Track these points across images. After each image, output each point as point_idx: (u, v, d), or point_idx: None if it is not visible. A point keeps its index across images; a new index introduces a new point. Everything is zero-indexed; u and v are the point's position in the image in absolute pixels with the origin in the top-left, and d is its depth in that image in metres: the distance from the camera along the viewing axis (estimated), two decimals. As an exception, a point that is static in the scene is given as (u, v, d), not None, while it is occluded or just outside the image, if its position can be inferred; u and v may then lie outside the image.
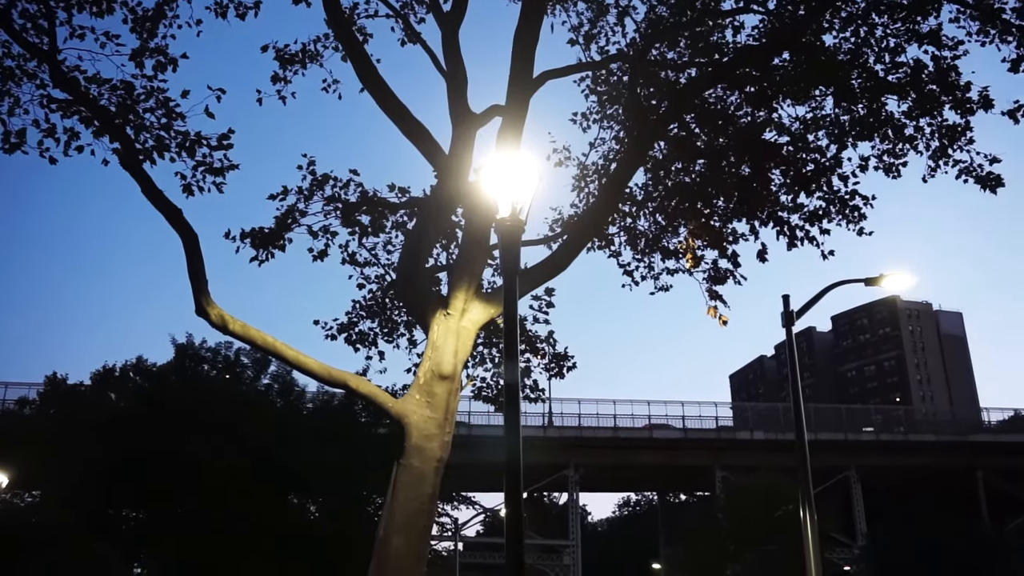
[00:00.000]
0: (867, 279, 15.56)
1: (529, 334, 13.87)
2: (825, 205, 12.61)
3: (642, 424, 72.28)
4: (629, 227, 13.70)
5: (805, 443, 14.84)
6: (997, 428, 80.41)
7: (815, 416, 74.49)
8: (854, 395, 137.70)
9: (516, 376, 7.27)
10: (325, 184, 12.77)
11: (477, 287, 10.58)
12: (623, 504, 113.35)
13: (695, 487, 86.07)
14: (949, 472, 74.40)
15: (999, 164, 12.20)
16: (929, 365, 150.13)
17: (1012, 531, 69.82)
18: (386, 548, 9.34)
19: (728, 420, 77.32)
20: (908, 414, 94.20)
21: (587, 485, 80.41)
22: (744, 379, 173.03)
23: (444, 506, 43.86)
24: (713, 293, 12.54)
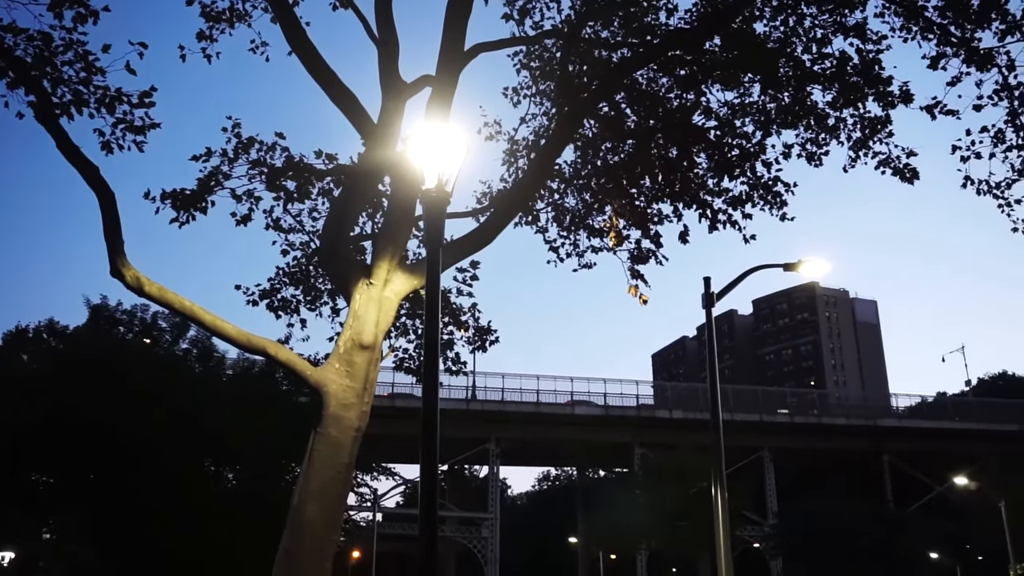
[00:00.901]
0: (786, 264, 15.91)
1: (453, 306, 13.88)
2: (748, 190, 12.84)
3: (564, 400, 73.05)
4: (556, 204, 13.77)
5: (720, 422, 15.16)
6: (904, 414, 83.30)
7: (733, 397, 76.19)
8: (771, 378, 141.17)
9: (436, 346, 7.27)
10: (250, 147, 12.53)
11: (401, 257, 10.53)
12: (543, 478, 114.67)
13: (614, 463, 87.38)
14: (858, 454, 76.97)
15: (916, 157, 12.57)
16: (843, 351, 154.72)
17: (914, 512, 72.55)
18: (300, 515, 9.31)
19: (649, 398, 78.53)
20: (822, 398, 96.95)
21: (508, 459, 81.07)
22: (666, 359, 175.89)
23: (364, 476, 43.78)
24: (635, 272, 12.71)
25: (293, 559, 9.19)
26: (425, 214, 7.62)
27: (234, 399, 31.60)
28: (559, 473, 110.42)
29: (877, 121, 12.73)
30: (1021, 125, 11.53)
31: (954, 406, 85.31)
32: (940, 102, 11.92)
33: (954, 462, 62.59)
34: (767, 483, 74.68)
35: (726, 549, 14.86)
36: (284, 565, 9.22)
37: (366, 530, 48.40)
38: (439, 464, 30.76)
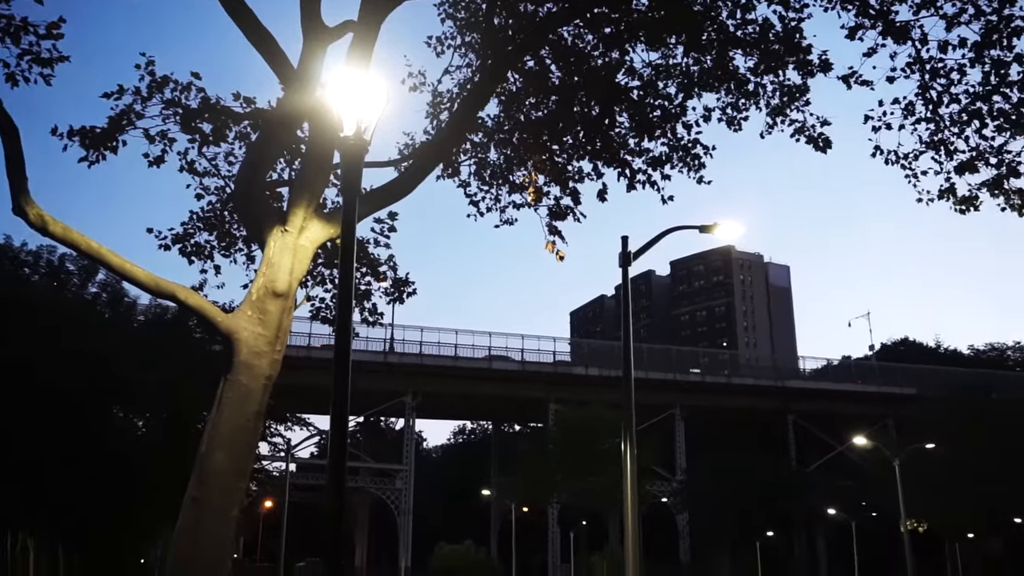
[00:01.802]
0: (702, 226, 16.18)
1: (370, 257, 13.77)
2: (668, 151, 12.97)
3: (482, 355, 73.46)
4: (478, 158, 13.71)
5: (631, 379, 15.44)
6: (810, 376, 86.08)
7: (647, 356, 77.65)
8: (686, 338, 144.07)
9: (350, 296, 7.22)
10: (164, 87, 12.14)
11: (318, 205, 10.39)
12: (459, 432, 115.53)
13: (529, 418, 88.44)
14: (765, 414, 79.41)
15: (830, 126, 12.84)
16: (756, 314, 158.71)
17: (815, 470, 75.37)
18: (208, 463, 9.21)
19: (566, 355, 79.53)
20: (733, 358, 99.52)
21: (424, 412, 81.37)
22: (584, 317, 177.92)
23: (278, 426, 43.40)
24: (553, 228, 12.78)
25: (200, 507, 9.11)
26: (343, 162, 7.53)
27: (145, 345, 30.92)
28: (475, 427, 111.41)
29: (796, 89, 12.93)
30: (931, 98, 11.86)
31: (857, 369, 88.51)
32: (856, 72, 12.16)
33: (855, 423, 65.06)
34: (677, 440, 76.57)
35: (633, 503, 15.22)
36: (191, 513, 9.14)
37: (279, 480, 48.11)
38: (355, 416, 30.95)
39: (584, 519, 70.57)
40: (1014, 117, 11.31)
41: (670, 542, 73.05)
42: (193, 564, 9.04)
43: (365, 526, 79.91)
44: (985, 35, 11.10)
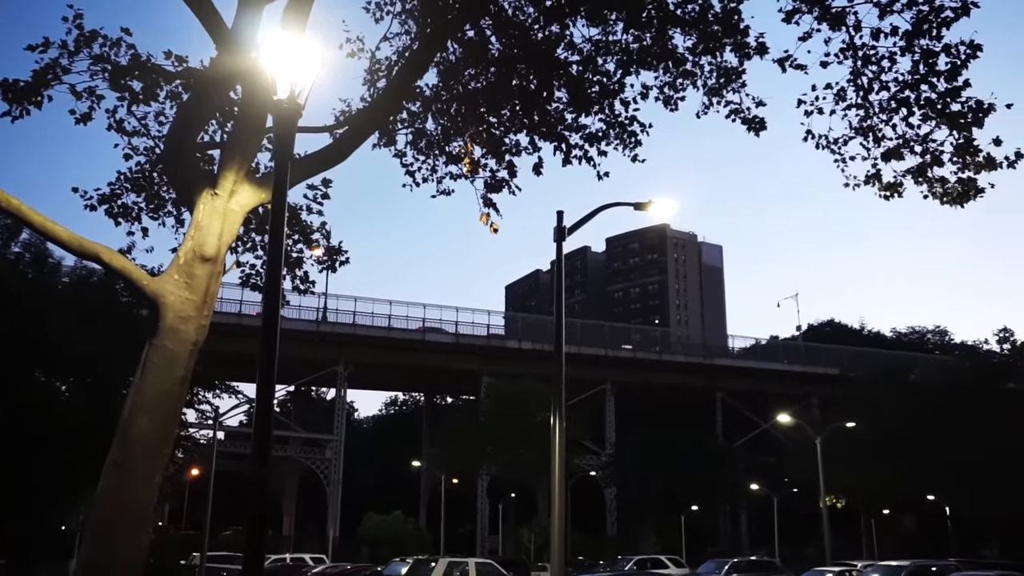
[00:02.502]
0: (636, 204, 16.31)
1: (303, 224, 13.60)
2: (605, 128, 13.01)
3: (416, 326, 73.31)
4: (415, 127, 13.60)
5: (562, 354, 15.56)
6: (739, 354, 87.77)
7: (581, 331, 78.29)
8: (619, 314, 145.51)
9: (279, 261, 7.14)
10: (93, 41, 11.76)
11: (250, 169, 10.21)
12: (391, 403, 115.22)
13: (462, 391, 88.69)
14: (694, 391, 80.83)
15: (764, 108, 13.02)
16: (688, 292, 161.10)
17: (741, 446, 77.07)
18: (131, 428, 9.06)
19: (500, 329, 79.80)
20: (664, 336, 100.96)
21: (357, 382, 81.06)
22: (519, 291, 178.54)
23: (206, 394, 42.76)
24: (487, 200, 12.76)
25: (122, 472, 8.97)
26: (275, 126, 7.42)
27: (69, 308, 30.14)
28: (407, 398, 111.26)
29: (732, 70, 13.05)
30: (861, 85, 12.08)
31: (784, 349, 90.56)
32: (791, 56, 12.32)
33: (780, 401, 66.61)
34: (607, 415, 77.55)
35: (560, 476, 15.39)
36: (112, 478, 8.99)
37: (206, 448, 47.46)
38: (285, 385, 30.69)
39: (513, 491, 71.24)
40: (940, 107, 11.59)
41: (598, 515, 74.15)
42: (114, 529, 8.91)
43: (293, 495, 79.52)
44: (916, 24, 11.34)
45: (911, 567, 30.22)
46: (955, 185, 11.92)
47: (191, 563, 39.18)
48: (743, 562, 41.33)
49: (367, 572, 34.28)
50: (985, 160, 11.51)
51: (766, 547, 65.57)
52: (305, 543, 63.06)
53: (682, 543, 63.21)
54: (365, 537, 67.32)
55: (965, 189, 11.91)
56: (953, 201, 12.05)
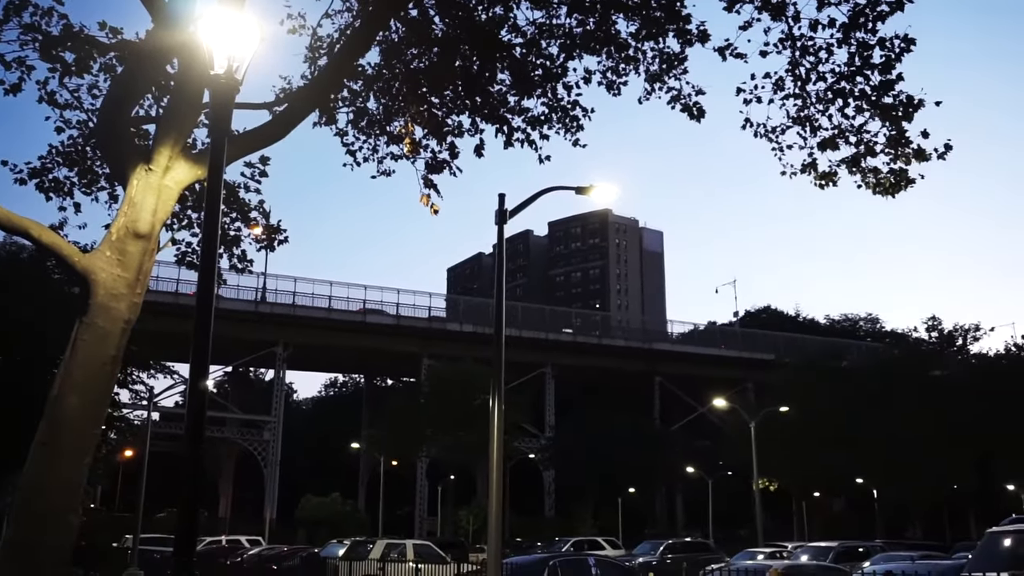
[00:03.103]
0: (578, 188, 16.38)
1: (241, 201, 13.39)
2: (547, 111, 13.03)
3: (356, 308, 72.84)
4: (357, 106, 13.46)
5: (502, 336, 15.61)
6: (677, 339, 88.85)
7: (522, 314, 78.56)
8: (561, 298, 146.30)
9: (215, 239, 7.04)
10: (23, 9, 11.41)
11: (186, 145, 10.03)
12: (330, 384, 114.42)
13: (402, 373, 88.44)
14: (633, 375, 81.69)
15: (704, 96, 13.15)
16: (629, 277, 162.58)
17: (678, 430, 78.17)
18: (60, 407, 8.86)
19: (441, 311, 79.66)
20: (604, 320, 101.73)
21: (296, 363, 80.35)
22: (461, 273, 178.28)
23: (140, 374, 42.00)
24: (428, 181, 12.71)
25: (50, 452, 8.78)
26: (212, 101, 7.29)
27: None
28: (347, 380, 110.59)
29: (674, 57, 13.14)
30: (799, 75, 12.27)
31: (721, 334, 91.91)
32: (731, 45, 12.46)
33: (717, 385, 67.68)
34: (547, 398, 78.01)
35: (498, 458, 15.46)
36: (40, 458, 8.80)
37: (140, 429, 46.65)
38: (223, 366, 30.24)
39: (453, 473, 71.39)
40: (873, 99, 11.83)
41: (536, 497, 74.69)
42: (41, 510, 8.74)
43: (230, 477, 78.62)
44: (852, 17, 11.54)
45: (839, 548, 30.95)
46: (887, 176, 12.19)
47: (124, 546, 38.51)
48: (677, 543, 41.99)
49: (304, 554, 34.05)
50: (915, 152, 11.79)
51: (701, 529, 66.74)
52: (242, 525, 62.36)
53: (619, 525, 64.01)
54: (303, 519, 66.85)
55: (896, 180, 12.18)
56: (885, 191, 12.32)
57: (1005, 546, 11.91)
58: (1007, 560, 11.22)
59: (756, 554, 33.56)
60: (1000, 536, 12.16)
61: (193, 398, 7.02)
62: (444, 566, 23.97)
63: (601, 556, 30.24)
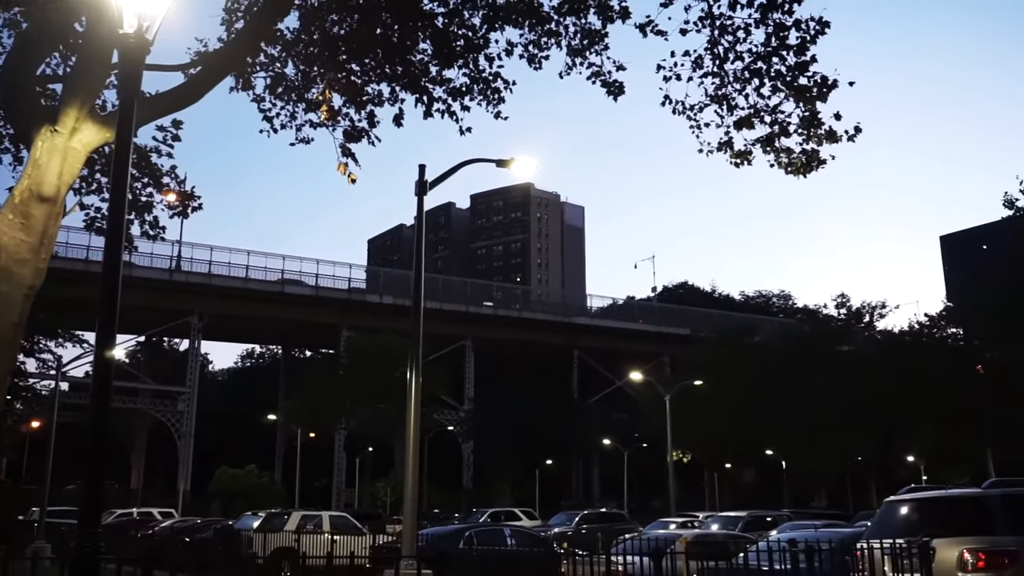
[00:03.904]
0: (499, 160, 16.40)
1: (153, 166, 13.04)
2: (469, 83, 12.97)
3: (274, 278, 71.76)
4: (274, 72, 13.18)
5: (421, 308, 15.59)
6: (597, 314, 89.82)
7: (443, 287, 78.44)
8: (482, 271, 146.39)
9: (122, 204, 6.85)
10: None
11: (94, 106, 9.70)
12: (247, 355, 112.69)
13: (322, 344, 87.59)
14: (553, 348, 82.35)
15: (624, 72, 13.23)
16: (550, 251, 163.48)
17: (596, 403, 79.24)
18: (-41, 376, 8.57)
19: (361, 282, 79.03)
20: (525, 294, 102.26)
21: (212, 334, 78.91)
22: (382, 245, 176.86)
23: (48, 342, 40.76)
24: (346, 150, 12.54)
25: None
26: (121, 61, 7.08)
27: None
28: (264, 351, 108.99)
29: (595, 33, 13.18)
30: (718, 54, 12.44)
31: (640, 309, 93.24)
32: (652, 22, 12.56)
33: (634, 359, 68.71)
34: (467, 371, 78.19)
35: (416, 430, 15.49)
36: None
37: (47, 399, 45.30)
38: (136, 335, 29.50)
39: (371, 445, 71.18)
40: (788, 79, 12.08)
41: (455, 469, 74.99)
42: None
43: (142, 449, 77.01)
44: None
45: (747, 517, 31.88)
46: (799, 156, 12.48)
47: (30, 519, 37.48)
48: (593, 514, 42.68)
49: (217, 526, 33.60)
50: (827, 133, 12.09)
51: (616, 499, 67.92)
52: (154, 498, 61.16)
53: (536, 496, 64.75)
54: (217, 491, 65.92)
55: (808, 160, 12.47)
56: (797, 171, 12.60)
57: (901, 514, 12.40)
58: (902, 527, 11.69)
59: (668, 524, 34.32)
60: (896, 505, 12.66)
61: (99, 366, 6.86)
62: (360, 537, 23.91)
63: (517, 527, 30.58)
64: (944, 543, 10.77)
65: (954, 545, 10.89)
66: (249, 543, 26.05)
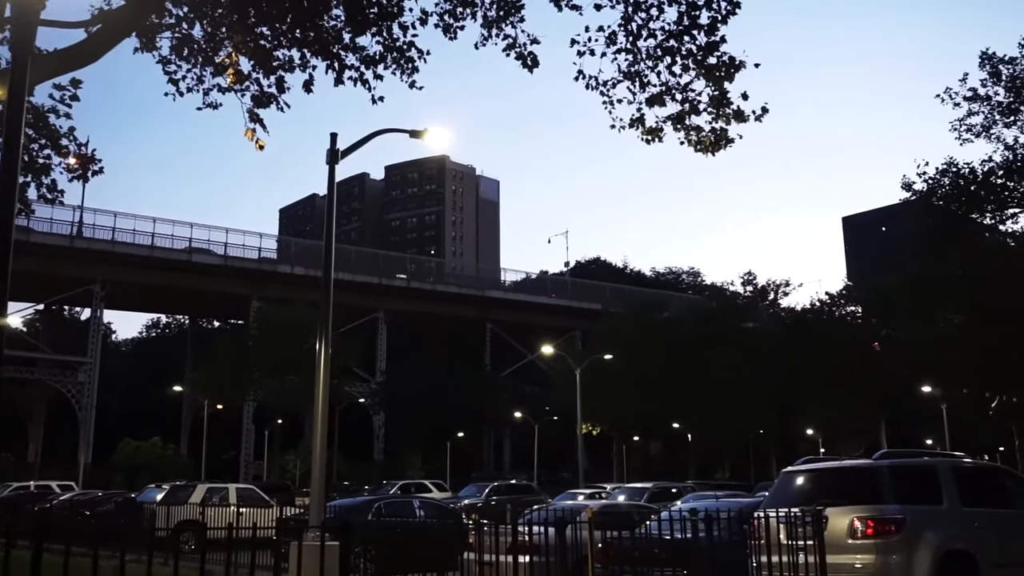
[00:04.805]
0: (412, 131, 16.24)
1: (51, 127, 12.53)
2: (382, 51, 12.79)
3: (182, 246, 70.00)
4: (181, 33, 12.77)
5: (331, 279, 15.40)
6: (510, 288, 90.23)
7: (355, 258, 77.72)
8: (396, 243, 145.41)
9: (15, 165, 6.59)
10: None
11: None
12: (153, 325, 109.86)
13: (231, 314, 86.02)
14: (466, 322, 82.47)
15: (539, 46, 13.23)
16: (464, 224, 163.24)
17: (508, 376, 79.77)
18: None
19: (272, 253, 77.70)
20: (439, 266, 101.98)
21: (116, 303, 76.73)
22: (295, 215, 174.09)
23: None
24: (254, 115, 12.24)
25: None
26: (13, 14, 6.77)
27: None
28: (171, 321, 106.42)
29: (511, 4, 13.12)
30: (631, 31, 12.54)
31: (552, 283, 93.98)
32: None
33: (546, 333, 69.30)
34: (379, 343, 77.76)
35: (324, 402, 15.34)
36: None
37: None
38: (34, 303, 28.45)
39: (281, 417, 70.33)
40: (699, 58, 12.26)
41: (366, 441, 74.71)
42: None
43: (41, 421, 74.61)
44: (683, -24, 11.88)
45: (653, 488, 32.67)
46: (708, 134, 12.69)
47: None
48: (502, 485, 43.07)
49: (119, 499, 32.83)
50: (735, 112, 12.32)
51: (526, 472, 68.66)
52: (53, 471, 59.37)
53: (447, 468, 65.01)
54: (120, 464, 64.37)
55: (717, 138, 12.70)
56: (706, 149, 12.82)
57: (797, 484, 12.85)
58: (797, 497, 12.13)
59: (577, 495, 34.90)
60: (793, 475, 13.12)
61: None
62: (268, 510, 23.66)
63: (427, 498, 30.66)
64: (836, 511, 11.19)
65: (845, 513, 11.33)
66: (152, 516, 25.54)
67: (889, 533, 11.15)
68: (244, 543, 11.79)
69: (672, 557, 11.64)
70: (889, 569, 11.00)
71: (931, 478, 12.19)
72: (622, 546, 11.98)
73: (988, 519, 12.22)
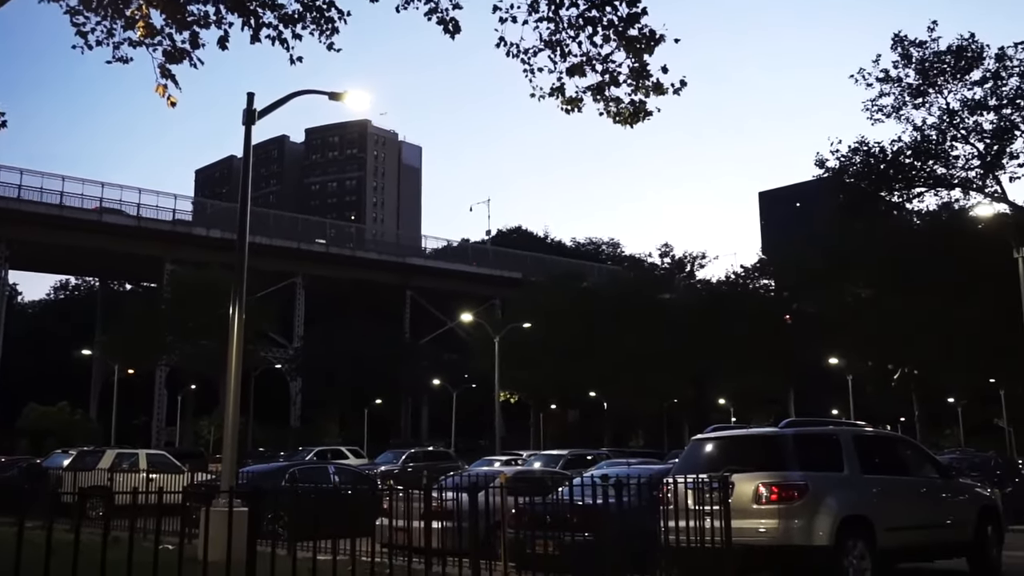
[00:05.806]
0: (332, 93, 16.01)
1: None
2: (301, 10, 12.52)
3: (93, 206, 67.85)
4: (90, -17, 12.29)
5: (245, 243, 15.18)
6: (431, 255, 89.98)
7: (273, 222, 76.52)
8: (315, 207, 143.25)
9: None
10: None
11: None
12: (61, 287, 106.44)
13: (143, 277, 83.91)
14: (386, 288, 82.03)
15: (461, 11, 13.11)
16: (386, 190, 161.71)
17: (427, 343, 79.73)
18: None
19: (188, 215, 75.89)
20: (359, 232, 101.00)
21: (22, 263, 74.16)
22: (211, 176, 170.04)
23: None
24: (166, 71, 11.89)
25: None
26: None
27: None
28: (80, 282, 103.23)
29: (432, -33, 12.97)
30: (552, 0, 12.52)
31: (473, 252, 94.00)
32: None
33: (467, 301, 69.36)
34: (296, 308, 76.86)
35: (237, 367, 15.17)
36: None
37: None
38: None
39: (194, 382, 69.06)
40: (620, 30, 12.30)
41: (283, 407, 73.94)
42: None
43: (-60, 384, 71.86)
44: (605, -54, 11.87)
45: (568, 455, 33.05)
46: (627, 106, 12.76)
47: None
48: (419, 452, 43.16)
49: (24, 464, 31.92)
50: (654, 85, 12.42)
51: (444, 439, 68.93)
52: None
53: (365, 435, 64.83)
54: (26, 429, 62.51)
55: (636, 110, 12.78)
56: (624, 121, 12.90)
57: (706, 451, 13.18)
58: (706, 463, 12.44)
59: (493, 462, 35.15)
60: (702, 443, 13.45)
61: None
62: (179, 476, 23.28)
63: (342, 464, 30.59)
64: (742, 478, 11.52)
65: (751, 480, 11.67)
66: (59, 482, 24.92)
67: (792, 499, 11.51)
68: (152, 509, 11.59)
69: (582, 521, 11.86)
70: (791, 533, 11.37)
71: (833, 446, 12.60)
72: (534, 511, 12.16)
73: (886, 485, 12.72)
